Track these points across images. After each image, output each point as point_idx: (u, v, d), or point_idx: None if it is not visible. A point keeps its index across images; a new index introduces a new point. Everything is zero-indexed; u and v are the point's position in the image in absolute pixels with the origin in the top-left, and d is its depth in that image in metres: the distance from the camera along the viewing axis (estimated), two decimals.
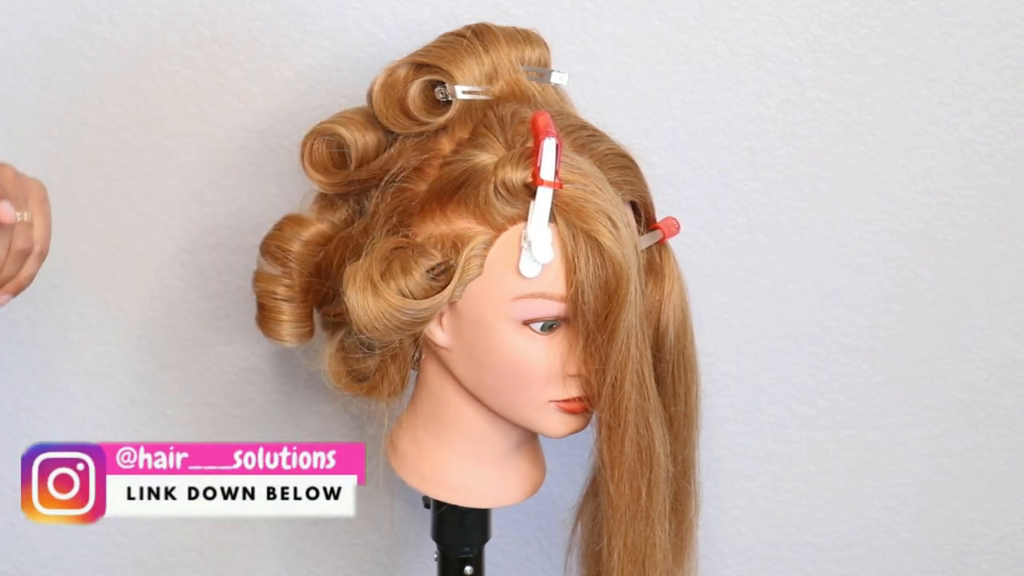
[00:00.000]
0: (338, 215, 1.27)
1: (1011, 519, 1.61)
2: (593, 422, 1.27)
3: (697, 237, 1.49)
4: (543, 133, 1.11)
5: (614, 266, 1.12)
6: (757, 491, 1.58)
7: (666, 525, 1.27)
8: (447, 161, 1.18)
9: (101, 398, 1.51)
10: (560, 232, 1.13)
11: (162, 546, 1.56)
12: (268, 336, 1.29)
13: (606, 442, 1.19)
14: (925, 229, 1.51)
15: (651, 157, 1.23)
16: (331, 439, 1.53)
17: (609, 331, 1.14)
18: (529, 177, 1.12)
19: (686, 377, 1.25)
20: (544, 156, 1.11)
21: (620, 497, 1.24)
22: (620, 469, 1.19)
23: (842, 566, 1.61)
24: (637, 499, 1.23)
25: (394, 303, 1.14)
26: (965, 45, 1.46)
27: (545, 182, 1.12)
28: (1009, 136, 1.49)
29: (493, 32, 1.20)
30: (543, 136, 1.11)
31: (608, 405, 1.17)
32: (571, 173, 1.13)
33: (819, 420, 1.56)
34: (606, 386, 1.16)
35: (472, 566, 1.33)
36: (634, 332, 1.15)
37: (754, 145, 1.47)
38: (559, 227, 1.13)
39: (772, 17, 1.44)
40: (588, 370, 1.17)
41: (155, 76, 1.42)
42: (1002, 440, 1.59)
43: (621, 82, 1.44)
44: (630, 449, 1.19)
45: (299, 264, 1.27)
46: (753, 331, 1.53)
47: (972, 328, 1.55)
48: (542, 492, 1.33)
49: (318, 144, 1.24)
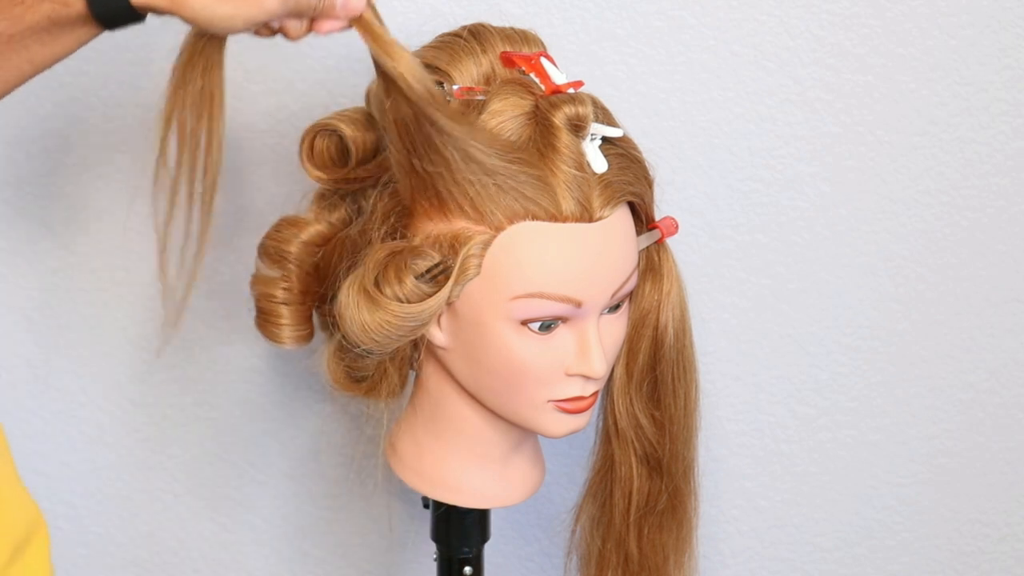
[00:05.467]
0: (336, 215, 1.27)
1: (1011, 519, 1.61)
2: (593, 423, 1.27)
3: (697, 237, 1.49)
4: (524, 59, 1.12)
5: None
6: (757, 491, 1.58)
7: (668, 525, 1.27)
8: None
9: (101, 398, 1.51)
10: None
11: (162, 546, 1.56)
12: (268, 339, 1.29)
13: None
14: (925, 229, 1.51)
15: (651, 157, 1.23)
16: (330, 439, 1.53)
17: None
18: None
19: (685, 377, 1.26)
20: (547, 69, 1.12)
21: (622, 498, 1.24)
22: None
23: (842, 566, 1.61)
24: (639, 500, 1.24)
25: (392, 310, 1.14)
26: (965, 45, 1.46)
27: (569, 84, 1.14)
28: (1009, 136, 1.49)
29: (490, 32, 1.20)
30: (530, 59, 1.12)
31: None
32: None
33: (819, 420, 1.56)
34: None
35: (472, 566, 1.34)
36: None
37: (754, 145, 1.47)
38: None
39: (772, 17, 1.44)
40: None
41: (155, 76, 1.41)
42: (1002, 440, 1.59)
43: (621, 82, 1.44)
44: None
45: (297, 265, 1.27)
46: (753, 331, 1.53)
47: (972, 328, 1.55)
48: (542, 492, 1.34)
49: (318, 140, 1.24)
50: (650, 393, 1.25)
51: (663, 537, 1.30)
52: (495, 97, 1.15)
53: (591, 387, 1.20)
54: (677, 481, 1.28)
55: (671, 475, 1.27)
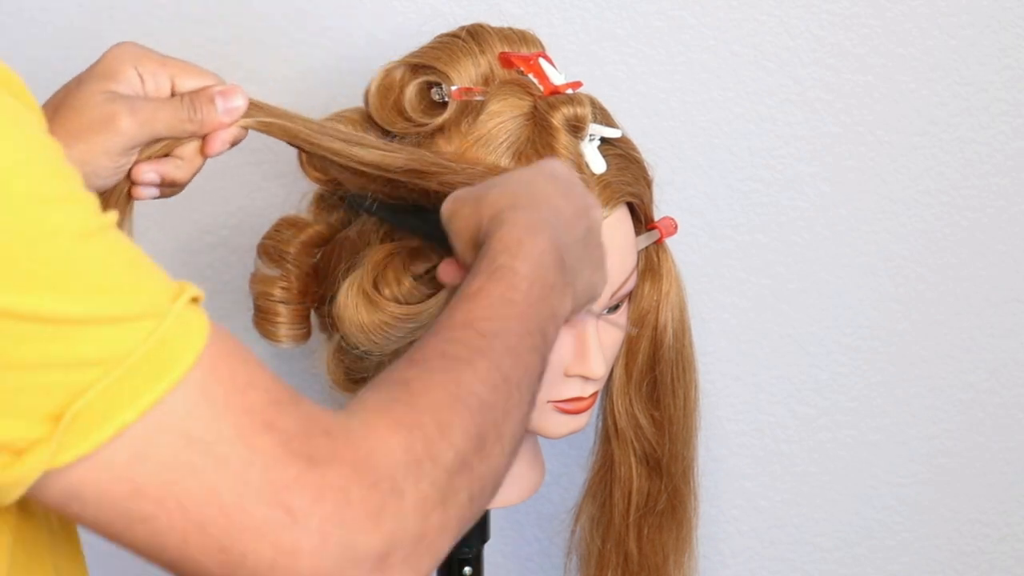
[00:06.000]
0: (335, 216, 1.27)
1: (1011, 519, 1.61)
2: (593, 423, 1.27)
3: (697, 237, 1.49)
4: (523, 60, 1.12)
5: None
6: (757, 491, 1.58)
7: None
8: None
9: None
10: None
11: None
12: (265, 337, 1.29)
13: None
14: (925, 229, 1.51)
15: (651, 157, 1.23)
16: None
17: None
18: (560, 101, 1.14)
19: (685, 377, 1.25)
20: (546, 70, 1.12)
21: (621, 498, 1.24)
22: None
23: (842, 566, 1.61)
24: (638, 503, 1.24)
25: (391, 311, 1.14)
26: (965, 45, 1.46)
27: (568, 84, 1.14)
28: (1009, 136, 1.49)
29: (488, 32, 1.20)
30: (529, 60, 1.12)
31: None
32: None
33: (819, 420, 1.56)
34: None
35: (471, 566, 1.33)
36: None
37: (754, 145, 1.47)
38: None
39: (772, 17, 1.44)
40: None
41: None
42: (1002, 440, 1.58)
43: (621, 82, 1.44)
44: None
45: (296, 265, 1.27)
46: (753, 331, 1.53)
47: (972, 328, 1.55)
48: (542, 492, 1.33)
49: None
50: (649, 393, 1.25)
51: (663, 537, 1.30)
52: (493, 98, 1.15)
53: (590, 388, 1.19)
54: (676, 481, 1.28)
55: (670, 475, 1.27)
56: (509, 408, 0.87)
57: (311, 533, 0.76)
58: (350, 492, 0.77)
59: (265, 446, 0.77)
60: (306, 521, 0.76)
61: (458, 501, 0.82)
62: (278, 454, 0.77)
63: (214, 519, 0.76)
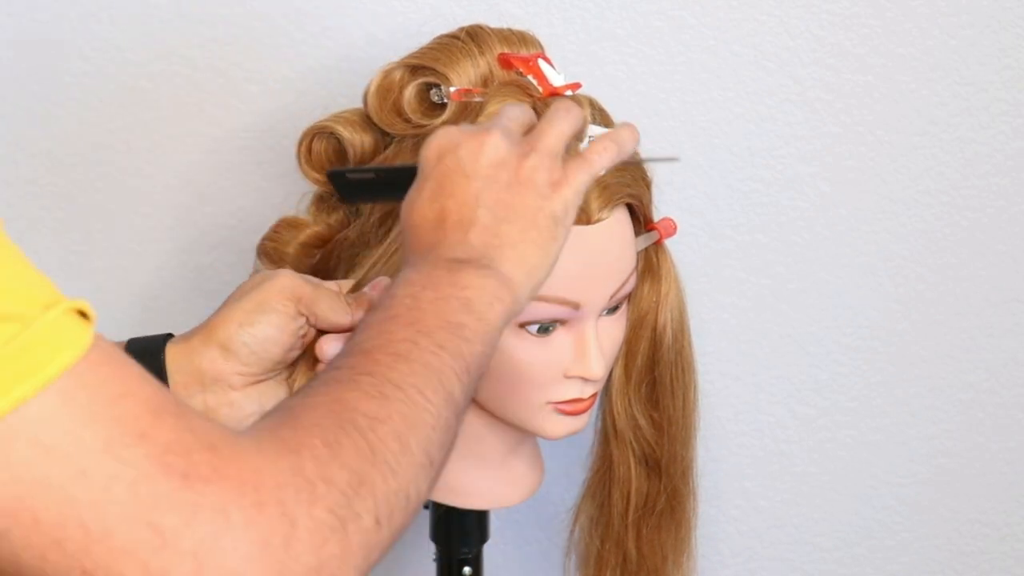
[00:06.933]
0: (334, 217, 1.27)
1: (1011, 519, 1.61)
2: (592, 424, 1.27)
3: (697, 237, 1.49)
4: (522, 61, 1.12)
5: None
6: (756, 491, 1.58)
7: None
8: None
9: None
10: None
11: None
12: None
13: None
14: (925, 229, 1.51)
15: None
16: None
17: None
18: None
19: (684, 377, 1.26)
20: (545, 71, 1.12)
21: (620, 498, 1.25)
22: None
23: (842, 566, 1.61)
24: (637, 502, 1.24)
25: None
26: (965, 45, 1.46)
27: (567, 85, 1.14)
28: (1009, 136, 1.49)
29: (488, 34, 1.20)
30: (528, 61, 1.12)
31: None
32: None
33: (819, 420, 1.56)
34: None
35: (471, 567, 1.33)
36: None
37: (754, 145, 1.47)
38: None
39: (772, 17, 1.44)
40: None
41: (155, 76, 1.42)
42: (1002, 440, 1.58)
43: (621, 82, 1.44)
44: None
45: (295, 266, 1.27)
46: (753, 331, 1.53)
47: (972, 328, 1.55)
48: (541, 492, 1.33)
49: (315, 143, 1.24)
50: (648, 394, 1.25)
51: (662, 537, 1.30)
52: (492, 99, 1.15)
53: (589, 389, 1.19)
54: (675, 482, 1.28)
55: (669, 476, 1.27)
56: (413, 416, 0.81)
57: (183, 557, 0.70)
58: (230, 513, 0.71)
59: (135, 458, 0.70)
60: (176, 543, 0.70)
61: (361, 526, 0.75)
62: (149, 468, 0.70)
63: (72, 536, 0.70)
